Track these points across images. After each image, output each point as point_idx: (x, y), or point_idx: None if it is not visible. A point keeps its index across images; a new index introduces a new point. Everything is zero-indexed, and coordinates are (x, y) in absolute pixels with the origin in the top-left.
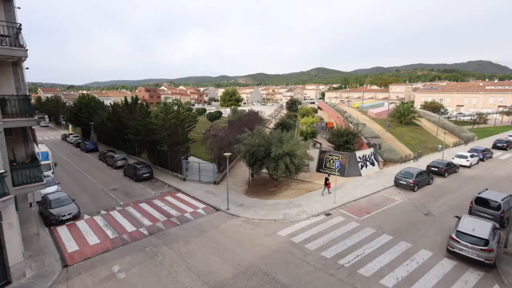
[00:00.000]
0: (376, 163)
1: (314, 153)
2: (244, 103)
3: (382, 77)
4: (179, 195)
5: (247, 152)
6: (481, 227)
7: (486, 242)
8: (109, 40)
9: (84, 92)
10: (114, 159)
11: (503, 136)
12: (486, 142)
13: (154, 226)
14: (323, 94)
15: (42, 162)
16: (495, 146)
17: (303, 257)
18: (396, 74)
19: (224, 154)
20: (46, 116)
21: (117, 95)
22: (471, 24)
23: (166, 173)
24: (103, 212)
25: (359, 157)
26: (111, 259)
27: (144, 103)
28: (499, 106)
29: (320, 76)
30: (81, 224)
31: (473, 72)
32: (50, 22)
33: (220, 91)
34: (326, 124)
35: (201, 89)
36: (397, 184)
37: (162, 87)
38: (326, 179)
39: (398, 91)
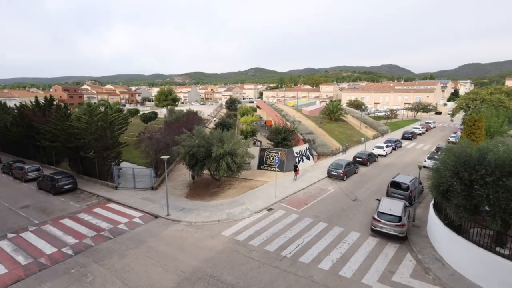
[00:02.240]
0: (311, 157)
1: (254, 151)
2: (182, 103)
3: (314, 78)
4: (111, 205)
5: (186, 154)
6: (396, 206)
7: (400, 218)
8: (12, 28)
9: None
10: (24, 171)
11: (409, 128)
12: (397, 134)
13: (81, 243)
14: (261, 94)
15: None
16: (403, 137)
17: (248, 254)
18: (325, 75)
19: (162, 157)
20: None
21: (25, 94)
22: (384, 33)
23: (94, 183)
24: (10, 235)
25: (296, 153)
26: None
27: (62, 104)
28: (405, 103)
29: (258, 75)
30: None
31: (386, 74)
32: None
33: (155, 91)
34: (265, 123)
35: (133, 88)
36: (329, 175)
37: (85, 86)
38: (295, 167)
39: (327, 90)
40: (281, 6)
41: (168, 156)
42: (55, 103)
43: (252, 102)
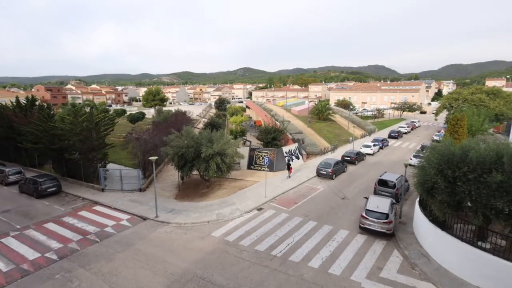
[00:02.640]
0: (300, 156)
1: (244, 151)
2: (170, 103)
3: (302, 78)
4: (97, 208)
5: (175, 154)
6: (383, 204)
7: (387, 215)
8: None
9: None
10: (5, 174)
11: (395, 127)
12: (384, 133)
13: (66, 247)
14: (250, 93)
15: None
16: (390, 136)
17: (238, 254)
18: (313, 75)
19: (150, 158)
20: None
21: (5, 95)
22: (371, 34)
23: (79, 185)
24: None
25: (286, 152)
26: None
27: (45, 104)
28: (391, 103)
29: (247, 75)
30: None
31: (372, 74)
32: None
33: (142, 90)
34: (255, 122)
35: (119, 88)
36: (318, 174)
37: (69, 86)
38: (289, 165)
39: (316, 90)
40: (271, 7)
41: (156, 157)
42: (37, 103)
43: (242, 102)
